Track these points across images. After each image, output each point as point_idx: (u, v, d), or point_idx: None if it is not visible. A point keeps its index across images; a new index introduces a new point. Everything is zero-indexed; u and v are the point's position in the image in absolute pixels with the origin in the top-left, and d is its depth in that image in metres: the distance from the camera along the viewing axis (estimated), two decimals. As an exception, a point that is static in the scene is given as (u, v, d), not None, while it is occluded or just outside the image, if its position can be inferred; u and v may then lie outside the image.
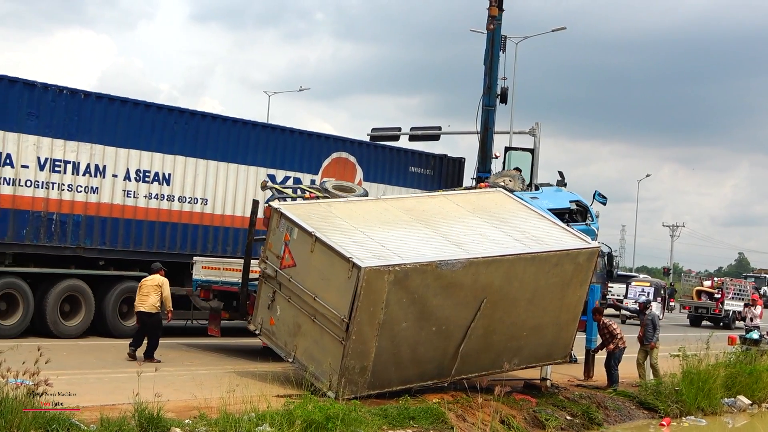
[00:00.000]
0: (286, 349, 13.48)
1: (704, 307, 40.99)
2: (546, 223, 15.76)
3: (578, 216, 18.97)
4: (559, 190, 19.75)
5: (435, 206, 15.29)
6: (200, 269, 17.97)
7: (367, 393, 12.81)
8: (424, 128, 32.70)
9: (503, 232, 14.67)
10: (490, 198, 16.45)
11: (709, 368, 17.63)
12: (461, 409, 13.13)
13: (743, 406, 18.08)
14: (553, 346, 15.48)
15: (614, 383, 16.67)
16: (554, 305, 15.00)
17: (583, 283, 15.37)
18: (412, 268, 12.82)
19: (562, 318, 15.30)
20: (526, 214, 15.82)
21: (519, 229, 14.95)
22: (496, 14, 19.95)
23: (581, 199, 19.77)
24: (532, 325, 14.83)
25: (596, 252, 15.70)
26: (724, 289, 40.75)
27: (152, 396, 9.77)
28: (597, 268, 27.15)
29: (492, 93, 21.12)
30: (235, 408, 10.49)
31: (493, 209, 15.63)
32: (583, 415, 14.81)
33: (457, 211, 15.20)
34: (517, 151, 22.54)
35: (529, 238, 14.69)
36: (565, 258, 14.80)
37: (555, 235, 15.24)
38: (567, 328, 15.52)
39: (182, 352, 16.69)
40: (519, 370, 15.50)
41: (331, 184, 16.87)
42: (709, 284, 43.22)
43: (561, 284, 14.91)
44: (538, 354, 15.37)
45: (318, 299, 12.84)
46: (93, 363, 14.51)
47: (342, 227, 13.48)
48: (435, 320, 13.32)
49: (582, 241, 15.45)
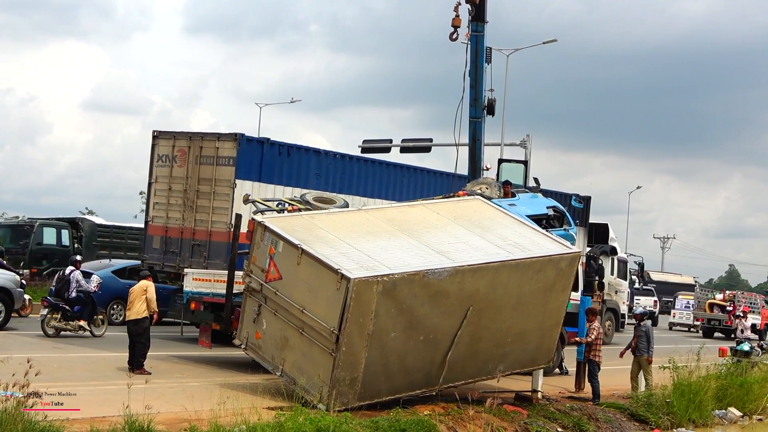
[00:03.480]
0: (274, 363, 13.45)
1: (716, 319, 42.47)
2: (526, 229, 15.89)
3: (555, 222, 19.03)
4: (535, 197, 19.79)
5: (416, 216, 15.35)
6: (191, 281, 17.95)
7: (357, 404, 12.79)
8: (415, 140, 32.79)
9: (486, 240, 14.76)
10: (469, 206, 16.53)
11: (700, 380, 17.64)
12: (452, 421, 13.12)
13: (734, 417, 18.09)
14: (537, 351, 15.61)
15: (596, 396, 16.61)
16: (538, 311, 15.12)
17: (565, 288, 15.50)
18: (400, 278, 12.84)
19: (545, 323, 15.44)
20: (506, 221, 15.95)
21: (501, 236, 15.06)
22: (459, 25, 19.96)
23: (558, 204, 19.90)
24: (517, 332, 14.94)
25: (578, 257, 15.89)
26: (736, 302, 41.59)
27: (143, 408, 9.77)
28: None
29: (478, 105, 21.15)
30: (225, 420, 10.48)
31: (473, 217, 15.74)
32: (574, 427, 14.82)
33: (438, 220, 15.28)
34: (510, 163, 22.62)
35: (511, 245, 14.80)
36: (547, 264, 14.91)
37: (536, 241, 15.37)
38: (550, 333, 15.68)
39: (173, 364, 16.65)
40: (505, 376, 15.58)
41: (312, 196, 16.83)
42: (721, 297, 44.31)
43: (544, 290, 15.03)
44: (523, 360, 15.49)
45: (306, 312, 12.80)
46: (83, 375, 14.45)
47: (327, 239, 13.47)
48: (423, 329, 13.35)
49: (563, 246, 15.61)
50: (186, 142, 21.05)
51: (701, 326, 43.71)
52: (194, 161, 20.74)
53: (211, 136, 21.00)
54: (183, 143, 21.09)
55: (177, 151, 21.14)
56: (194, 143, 20.86)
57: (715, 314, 42.88)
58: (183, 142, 21.11)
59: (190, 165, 20.79)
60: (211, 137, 20.82)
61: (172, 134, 21.63)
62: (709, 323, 43.04)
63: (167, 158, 21.39)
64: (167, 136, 21.58)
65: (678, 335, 39.70)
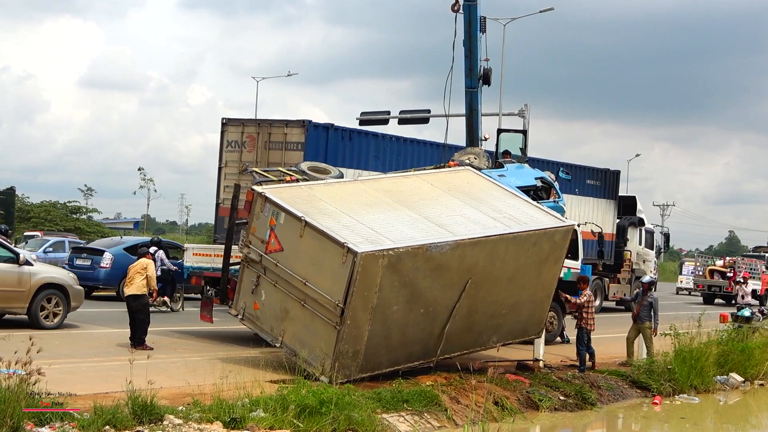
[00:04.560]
0: (273, 334, 13.43)
1: (717, 286, 42.91)
2: (519, 201, 15.96)
3: (543, 193, 19.03)
4: (521, 167, 19.75)
5: (411, 187, 15.36)
6: (191, 256, 17.93)
7: (359, 376, 12.82)
8: (413, 111, 32.71)
9: (482, 212, 14.80)
10: (461, 177, 16.55)
11: (702, 346, 17.68)
12: (455, 391, 13.16)
13: (736, 383, 18.16)
14: (528, 322, 15.74)
15: (582, 364, 16.54)
16: (531, 283, 15.23)
17: (558, 260, 15.61)
18: (405, 252, 12.81)
19: (538, 295, 15.55)
20: (499, 193, 16.01)
21: (496, 208, 15.11)
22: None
23: (546, 176, 19.87)
24: (511, 303, 15.05)
25: (571, 230, 15.92)
26: (736, 268, 41.66)
27: (145, 384, 9.76)
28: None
29: (474, 75, 21.07)
30: (228, 394, 10.50)
31: (466, 188, 15.78)
32: (576, 395, 14.86)
33: (433, 192, 15.30)
34: (509, 133, 22.62)
35: (507, 217, 14.86)
36: (543, 237, 15.00)
37: (531, 214, 15.43)
38: (542, 304, 15.81)
39: (174, 339, 16.67)
40: (497, 347, 15.66)
41: (307, 166, 16.82)
42: (721, 263, 44.52)
43: (538, 262, 15.12)
44: (515, 331, 15.64)
45: (309, 284, 12.77)
46: (85, 352, 14.46)
47: (328, 211, 13.42)
48: (423, 302, 13.37)
49: (556, 219, 15.69)
50: (255, 129, 22.46)
51: (702, 293, 43.98)
52: (263, 146, 22.09)
53: (279, 123, 22.44)
54: (252, 129, 22.49)
55: (246, 137, 22.44)
56: (263, 129, 22.29)
57: (716, 280, 43.22)
58: (252, 129, 22.51)
59: (260, 150, 22.10)
60: (280, 124, 22.31)
61: (241, 121, 23.01)
62: (709, 290, 43.34)
63: (236, 144, 22.65)
64: (236, 123, 22.89)
65: (679, 302, 39.79)
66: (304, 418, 10.29)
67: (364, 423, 10.82)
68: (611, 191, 31.45)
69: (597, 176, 31.10)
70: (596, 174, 31.10)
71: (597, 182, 30.91)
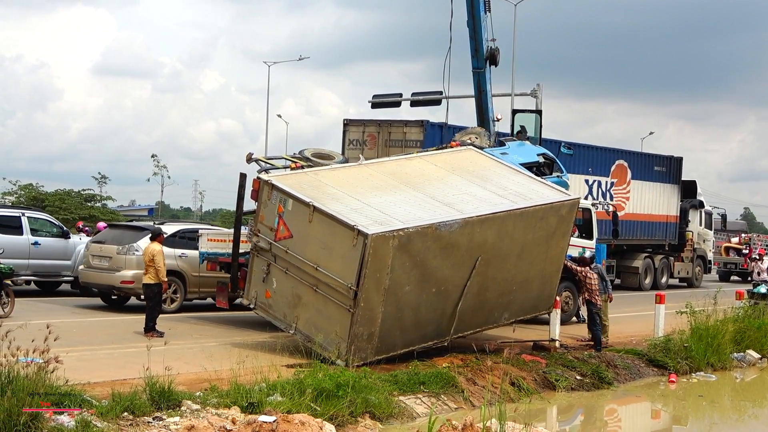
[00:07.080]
0: (286, 321, 13.46)
1: (733, 263, 43.01)
2: (523, 177, 16.04)
3: (546, 169, 19.03)
4: (522, 144, 19.75)
5: (416, 168, 15.38)
6: (206, 242, 17.95)
7: (375, 359, 12.87)
8: (425, 93, 32.64)
9: (487, 190, 14.84)
10: (464, 156, 16.59)
11: (718, 324, 17.63)
12: (471, 372, 13.16)
13: (753, 360, 18.09)
14: (539, 299, 15.83)
15: (597, 344, 16.40)
16: (540, 258, 15.31)
17: (565, 234, 15.72)
18: (414, 232, 12.82)
19: (547, 270, 15.64)
20: (503, 171, 16.05)
21: (501, 186, 15.15)
22: None
23: (547, 152, 19.91)
24: (521, 280, 15.12)
25: (576, 203, 16.05)
26: (752, 245, 41.50)
27: (162, 370, 9.80)
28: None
29: (480, 55, 20.99)
30: (245, 379, 10.52)
31: (470, 167, 15.82)
32: (593, 375, 14.83)
33: (437, 172, 15.32)
34: (524, 113, 22.93)
35: (513, 194, 14.89)
36: (549, 211, 15.06)
37: (536, 189, 15.50)
38: (551, 279, 15.92)
39: (191, 325, 16.74)
40: (511, 324, 15.82)
41: (310, 152, 16.84)
42: (736, 240, 44.38)
43: (546, 237, 15.20)
44: (526, 307, 15.71)
45: (320, 269, 12.79)
46: (102, 339, 14.53)
47: (335, 195, 13.43)
48: (435, 281, 13.40)
49: (561, 193, 15.83)
50: (375, 128, 24.20)
51: (717, 270, 43.78)
52: (384, 144, 23.67)
53: (398, 122, 24.40)
54: (372, 129, 24.20)
55: (367, 136, 24.08)
56: (383, 129, 24.09)
57: (731, 257, 43.10)
58: (372, 128, 24.23)
59: (380, 148, 23.60)
60: (399, 124, 24.26)
61: (362, 122, 24.71)
62: (725, 267, 43.28)
63: (357, 142, 24.13)
64: (357, 123, 24.59)
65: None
66: (321, 402, 10.30)
67: (381, 405, 10.86)
68: (675, 176, 34.15)
69: (663, 163, 33.81)
70: (662, 161, 33.88)
71: (663, 168, 33.60)
